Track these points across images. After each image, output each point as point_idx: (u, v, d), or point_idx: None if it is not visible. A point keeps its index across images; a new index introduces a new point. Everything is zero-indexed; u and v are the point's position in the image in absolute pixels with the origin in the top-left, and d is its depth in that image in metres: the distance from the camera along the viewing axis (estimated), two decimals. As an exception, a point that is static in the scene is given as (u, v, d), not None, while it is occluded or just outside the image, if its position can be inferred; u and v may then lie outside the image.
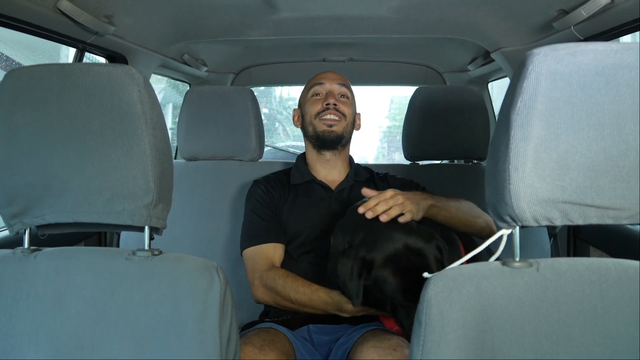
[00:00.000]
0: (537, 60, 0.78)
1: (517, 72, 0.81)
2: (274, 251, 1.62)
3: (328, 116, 1.71)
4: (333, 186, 1.75)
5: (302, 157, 1.85)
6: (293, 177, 1.78)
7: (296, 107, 1.87)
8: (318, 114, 1.73)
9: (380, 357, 1.24)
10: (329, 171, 1.78)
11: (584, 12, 1.53)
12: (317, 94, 1.76)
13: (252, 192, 1.76)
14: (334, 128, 1.71)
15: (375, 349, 1.26)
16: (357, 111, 1.86)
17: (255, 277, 1.57)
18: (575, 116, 0.78)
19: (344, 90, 1.77)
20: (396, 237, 1.27)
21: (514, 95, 0.80)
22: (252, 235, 1.66)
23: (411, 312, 1.19)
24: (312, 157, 1.79)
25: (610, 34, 1.59)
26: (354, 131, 1.83)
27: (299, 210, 1.69)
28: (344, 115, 1.73)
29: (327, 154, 1.75)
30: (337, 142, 1.73)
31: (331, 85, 1.76)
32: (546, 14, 1.72)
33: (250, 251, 1.63)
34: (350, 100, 1.79)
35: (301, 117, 1.81)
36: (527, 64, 0.79)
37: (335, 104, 1.72)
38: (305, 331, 1.49)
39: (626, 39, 1.75)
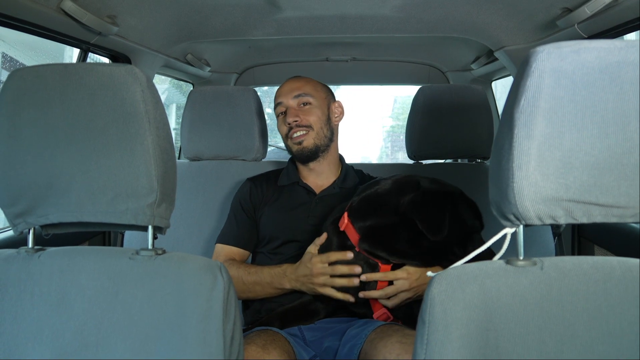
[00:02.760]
0: (540, 58, 0.78)
1: (521, 70, 0.80)
2: (236, 253, 1.74)
3: (295, 134, 1.72)
4: (318, 190, 1.76)
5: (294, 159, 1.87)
6: (281, 178, 1.81)
7: None
8: (287, 135, 1.74)
9: (408, 352, 1.22)
10: (315, 177, 1.79)
11: (587, 10, 1.52)
12: (281, 113, 1.77)
13: (239, 191, 1.83)
14: (304, 144, 1.72)
15: (401, 344, 1.24)
16: (337, 99, 1.84)
17: None
18: (579, 114, 0.78)
19: (302, 99, 1.74)
20: None
21: (518, 94, 0.79)
22: (225, 233, 1.76)
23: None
24: (299, 165, 1.82)
25: (614, 32, 1.59)
26: (338, 123, 1.83)
27: (279, 211, 1.72)
28: (309, 126, 1.72)
29: (310, 164, 1.77)
30: (313, 155, 1.74)
31: (287, 101, 1.75)
32: (550, 12, 1.71)
33: (218, 246, 1.75)
34: (315, 103, 1.75)
35: None
36: (531, 62, 0.78)
37: (295, 121, 1.71)
38: (297, 329, 1.50)
39: (630, 37, 1.75)
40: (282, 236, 1.68)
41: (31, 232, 1.00)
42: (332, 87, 1.94)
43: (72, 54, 2.17)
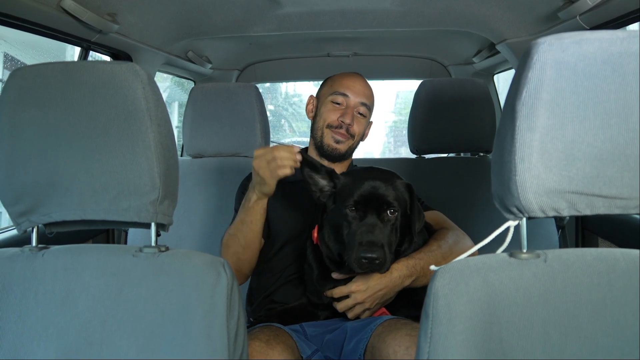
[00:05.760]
0: (542, 49, 0.77)
1: (522, 62, 0.80)
2: None
3: (339, 132, 1.73)
4: None
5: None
6: None
7: (313, 94, 1.87)
8: (331, 125, 1.74)
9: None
10: None
11: (589, 1, 1.52)
12: (337, 102, 1.75)
13: (242, 184, 1.81)
14: (339, 146, 1.74)
15: (411, 337, 1.24)
16: (370, 120, 1.86)
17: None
18: (582, 105, 0.77)
19: (363, 109, 1.76)
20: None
21: (519, 86, 0.79)
22: (232, 222, 1.70)
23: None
24: (312, 156, 1.80)
25: (616, 23, 1.58)
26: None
27: (285, 207, 1.70)
28: (353, 135, 1.74)
29: (326, 162, 1.77)
30: (339, 158, 1.76)
31: (354, 100, 1.74)
32: (551, 4, 1.71)
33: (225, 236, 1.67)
34: (367, 118, 1.79)
35: (315, 111, 1.81)
36: (532, 54, 0.78)
37: (350, 125, 1.72)
38: (298, 325, 1.50)
39: (632, 27, 1.74)
40: (288, 230, 1.67)
41: (34, 230, 1.00)
42: (333, 82, 1.92)
43: (73, 53, 2.17)
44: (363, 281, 1.41)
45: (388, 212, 1.34)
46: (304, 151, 1.85)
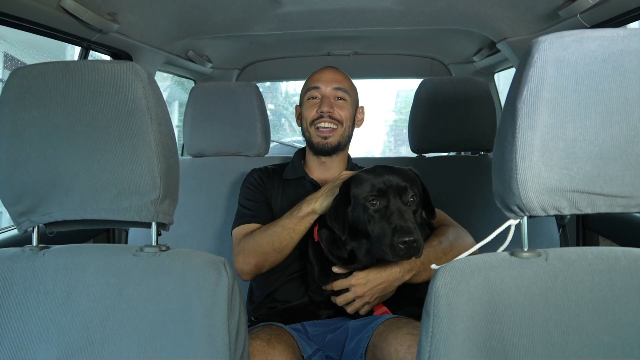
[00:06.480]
0: (543, 48, 0.77)
1: (523, 61, 0.80)
2: (255, 228, 1.65)
3: (322, 124, 1.71)
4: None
5: (299, 153, 1.87)
6: (287, 172, 1.80)
7: (298, 103, 1.87)
8: (313, 121, 1.73)
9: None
10: (323, 171, 1.80)
11: (590, -1, 1.51)
12: (313, 97, 1.75)
13: (246, 179, 1.80)
14: (328, 140, 1.72)
15: (413, 336, 1.24)
16: (360, 104, 1.85)
17: (236, 250, 1.60)
18: (582, 104, 0.77)
19: (340, 93, 1.74)
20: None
21: (520, 84, 0.79)
22: (241, 216, 1.70)
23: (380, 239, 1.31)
24: (309, 156, 1.82)
25: (617, 21, 1.58)
26: (357, 128, 1.84)
27: (286, 204, 1.70)
28: (339, 121, 1.73)
29: (323, 158, 1.77)
30: (332, 151, 1.75)
31: (326, 89, 1.74)
32: (552, 2, 1.70)
33: (236, 230, 1.67)
34: (349, 101, 1.76)
35: (300, 118, 1.82)
36: (533, 52, 0.78)
37: (329, 112, 1.71)
38: (299, 325, 1.51)
39: (633, 26, 1.73)
40: None
41: (35, 230, 1.00)
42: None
43: (73, 52, 2.17)
44: (363, 274, 1.41)
45: (409, 197, 1.35)
46: (301, 152, 1.87)
